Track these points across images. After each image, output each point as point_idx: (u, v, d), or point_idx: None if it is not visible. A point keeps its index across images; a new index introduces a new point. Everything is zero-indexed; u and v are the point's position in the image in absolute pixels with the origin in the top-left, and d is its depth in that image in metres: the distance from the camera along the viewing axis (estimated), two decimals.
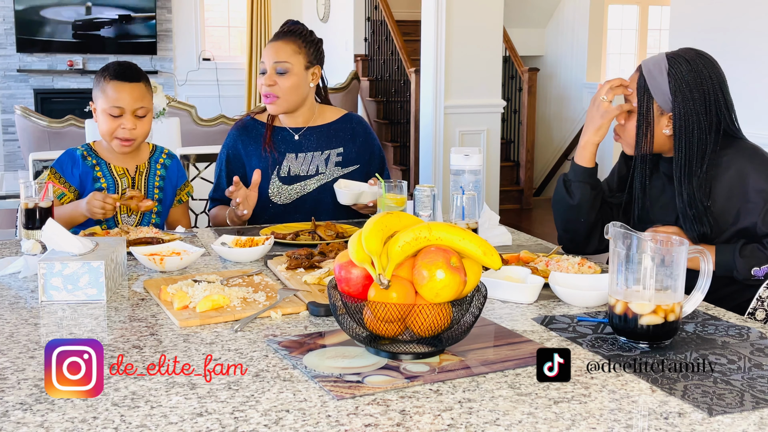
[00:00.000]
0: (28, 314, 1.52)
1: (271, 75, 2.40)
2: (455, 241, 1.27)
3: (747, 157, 1.84)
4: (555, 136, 8.40)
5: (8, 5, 8.09)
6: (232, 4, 9.09)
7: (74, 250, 1.66)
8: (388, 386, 1.16)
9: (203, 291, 1.55)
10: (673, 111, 1.84)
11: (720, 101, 1.84)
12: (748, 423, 1.06)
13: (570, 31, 8.19)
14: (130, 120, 2.26)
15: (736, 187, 1.82)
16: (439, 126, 5.59)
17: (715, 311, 1.57)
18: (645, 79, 1.87)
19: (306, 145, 2.50)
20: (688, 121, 1.82)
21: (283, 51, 2.40)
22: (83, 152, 2.33)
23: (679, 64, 1.84)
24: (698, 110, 1.82)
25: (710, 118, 1.84)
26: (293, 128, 2.51)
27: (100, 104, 2.27)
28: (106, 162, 2.33)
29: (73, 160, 2.32)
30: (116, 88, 2.25)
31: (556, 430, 1.04)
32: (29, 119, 5.30)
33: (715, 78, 1.84)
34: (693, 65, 1.84)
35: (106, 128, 2.27)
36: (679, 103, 1.82)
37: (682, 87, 1.82)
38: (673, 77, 1.83)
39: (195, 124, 5.74)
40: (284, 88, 2.41)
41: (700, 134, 1.83)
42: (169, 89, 8.52)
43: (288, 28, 2.47)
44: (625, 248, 1.33)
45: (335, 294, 1.30)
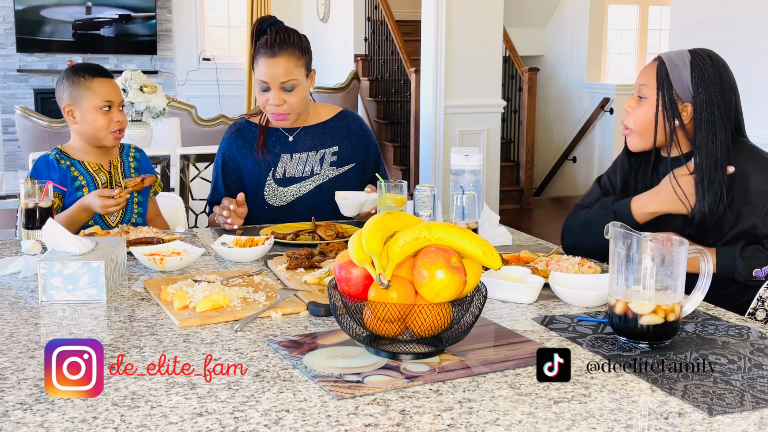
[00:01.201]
0: (28, 314, 1.52)
1: (279, 94, 2.33)
2: (455, 241, 1.27)
3: (748, 158, 1.84)
4: (555, 136, 8.40)
5: (8, 5, 8.09)
6: (232, 4, 9.09)
7: (74, 250, 1.66)
8: (388, 386, 1.16)
9: (203, 291, 1.55)
10: (694, 100, 1.83)
11: (733, 103, 1.85)
12: (748, 423, 1.07)
13: (570, 31, 8.19)
14: (118, 113, 2.34)
15: (737, 189, 1.82)
16: (439, 126, 5.59)
17: (715, 311, 1.57)
18: (667, 67, 1.86)
19: (300, 145, 2.47)
20: (712, 110, 1.83)
21: (286, 68, 2.32)
22: (56, 156, 2.35)
23: (702, 58, 1.85)
24: (719, 102, 1.83)
25: (729, 114, 1.84)
26: (287, 129, 2.48)
27: (86, 103, 2.29)
28: (80, 161, 2.35)
29: (48, 166, 2.33)
30: (102, 84, 2.32)
31: (556, 430, 1.04)
32: (29, 119, 5.30)
33: (733, 80, 1.87)
34: (715, 62, 1.85)
35: (101, 124, 2.30)
36: (701, 92, 1.82)
37: (705, 78, 1.83)
38: (696, 68, 1.84)
39: (195, 124, 5.74)
40: (293, 103, 2.36)
41: (722, 125, 1.83)
42: (169, 89, 8.52)
43: (279, 38, 2.33)
44: (626, 248, 1.33)
45: (335, 294, 1.30)
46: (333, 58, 8.15)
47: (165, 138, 4.71)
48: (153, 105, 4.27)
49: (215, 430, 1.03)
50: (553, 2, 8.26)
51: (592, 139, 7.95)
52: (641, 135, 1.90)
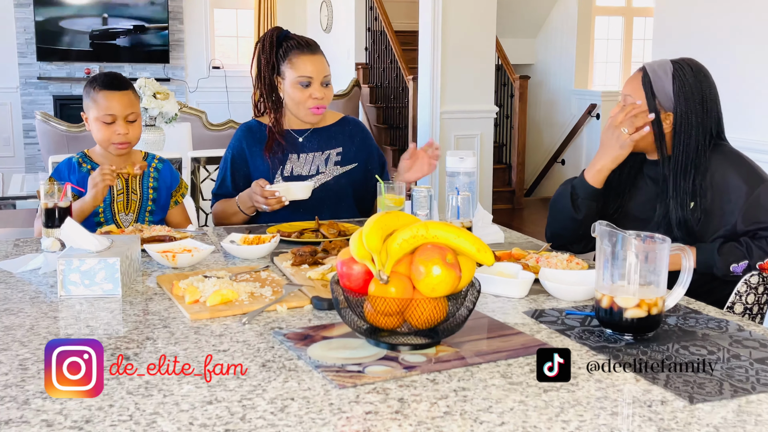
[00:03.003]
0: (47, 308, 1.52)
1: (320, 88, 2.42)
2: (451, 239, 1.27)
3: (727, 159, 1.84)
4: (545, 139, 8.39)
5: (29, 17, 8.09)
6: (240, 15, 9.09)
7: (91, 248, 1.66)
8: (387, 376, 1.16)
9: (213, 286, 1.55)
10: (675, 110, 1.84)
11: (714, 110, 1.85)
12: (727, 410, 1.06)
13: (559, 41, 8.18)
14: (123, 125, 2.28)
15: (719, 189, 1.82)
16: (436, 130, 5.58)
17: (696, 305, 1.57)
18: (650, 78, 1.87)
19: (308, 146, 2.51)
20: (689, 120, 1.83)
21: (326, 65, 2.45)
22: (79, 159, 2.34)
23: (683, 68, 1.86)
24: (698, 111, 1.83)
25: (708, 123, 1.84)
26: (297, 131, 2.51)
27: (92, 114, 2.28)
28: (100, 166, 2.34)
29: (70, 168, 2.33)
30: (107, 97, 2.27)
31: (546, 417, 1.04)
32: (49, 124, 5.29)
33: (714, 88, 1.87)
34: (696, 72, 1.86)
35: (102, 136, 2.28)
36: (681, 102, 1.83)
37: (685, 89, 1.83)
38: (678, 79, 1.84)
39: (205, 129, 5.73)
40: (329, 97, 2.47)
41: (698, 135, 1.83)
42: (180, 96, 8.51)
43: (313, 41, 2.47)
44: (611, 246, 1.33)
45: (337, 289, 1.30)
46: (335, 66, 8.06)
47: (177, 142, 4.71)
48: (165, 111, 4.26)
49: (224, 417, 1.03)
50: (543, 13, 8.25)
51: (580, 142, 7.95)
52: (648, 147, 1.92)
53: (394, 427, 1.01)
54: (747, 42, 3.39)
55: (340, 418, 1.03)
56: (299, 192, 2.32)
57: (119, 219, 2.33)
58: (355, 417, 1.03)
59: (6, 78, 8.25)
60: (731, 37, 3.47)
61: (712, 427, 1.01)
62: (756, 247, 1.75)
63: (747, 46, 3.39)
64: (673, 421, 1.03)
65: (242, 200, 2.38)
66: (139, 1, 8.38)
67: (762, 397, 1.11)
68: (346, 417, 1.03)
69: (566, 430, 1.00)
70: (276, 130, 2.48)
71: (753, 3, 3.37)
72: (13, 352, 1.27)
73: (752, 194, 1.77)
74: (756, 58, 3.38)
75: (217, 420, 1.02)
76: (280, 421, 1.02)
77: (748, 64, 3.41)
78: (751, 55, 3.39)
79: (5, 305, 1.53)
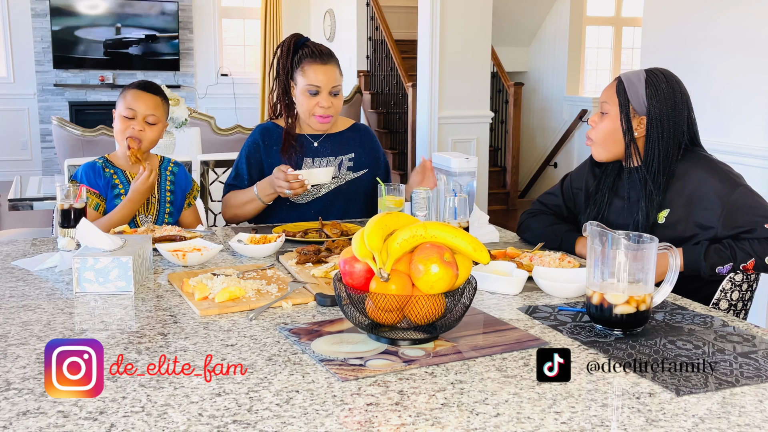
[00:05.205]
0: (63, 304, 1.52)
1: (329, 97, 2.40)
2: (448, 239, 1.27)
3: (701, 165, 1.83)
4: (538, 144, 8.39)
5: (46, 26, 8.09)
6: (247, 25, 9.09)
7: (105, 247, 1.66)
8: (387, 369, 1.16)
9: (221, 283, 1.55)
10: (647, 113, 1.84)
11: (685, 116, 1.86)
12: (712, 402, 1.06)
13: (551, 50, 8.18)
14: (140, 123, 2.27)
15: (694, 194, 1.81)
16: (434, 135, 5.58)
17: (682, 302, 1.57)
18: (624, 85, 1.88)
19: (323, 151, 2.49)
20: (661, 121, 1.83)
21: (336, 75, 2.41)
22: (102, 164, 2.34)
23: (656, 75, 1.87)
24: (669, 114, 1.84)
25: (680, 124, 1.85)
26: (312, 136, 2.50)
27: (118, 109, 2.29)
28: (122, 170, 2.34)
29: (95, 172, 2.32)
30: (134, 96, 2.28)
31: (539, 409, 1.03)
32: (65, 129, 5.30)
33: (686, 95, 1.87)
34: (668, 79, 1.87)
35: (118, 128, 2.30)
36: (654, 106, 1.84)
37: (658, 93, 1.84)
38: (650, 85, 1.85)
39: (214, 134, 5.73)
40: (338, 106, 2.44)
41: (669, 138, 1.84)
42: (190, 102, 8.51)
43: (327, 50, 2.43)
44: (602, 245, 1.33)
45: (340, 286, 1.30)
46: None
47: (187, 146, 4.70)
48: (176, 116, 4.26)
49: (232, 408, 1.03)
50: (536, 23, 8.25)
51: (571, 146, 7.95)
52: (602, 146, 1.94)
53: (394, 418, 1.01)
54: (731, 51, 3.39)
55: (343, 409, 1.03)
56: (321, 175, 2.30)
57: (139, 221, 2.32)
58: (356, 408, 1.03)
59: (24, 85, 8.26)
60: (714, 46, 3.47)
61: (698, 418, 1.01)
62: (739, 250, 1.74)
63: (731, 55, 3.39)
64: (660, 412, 1.03)
65: (262, 187, 2.35)
66: (151, 11, 8.39)
67: (745, 390, 1.11)
68: (348, 408, 1.03)
69: (559, 421, 1.00)
70: (291, 132, 2.48)
71: (736, 15, 3.37)
72: (31, 346, 1.27)
73: (729, 200, 1.76)
74: (734, 64, 3.38)
75: (225, 411, 1.02)
76: (286, 413, 1.02)
77: (730, 71, 3.41)
78: (732, 62, 3.39)
79: (23, 302, 1.53)
